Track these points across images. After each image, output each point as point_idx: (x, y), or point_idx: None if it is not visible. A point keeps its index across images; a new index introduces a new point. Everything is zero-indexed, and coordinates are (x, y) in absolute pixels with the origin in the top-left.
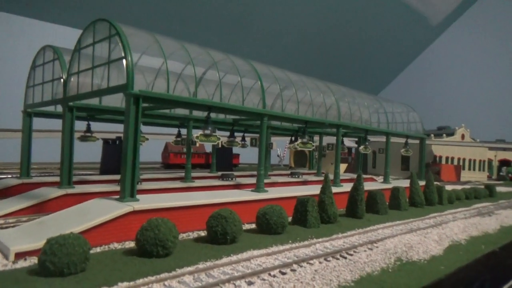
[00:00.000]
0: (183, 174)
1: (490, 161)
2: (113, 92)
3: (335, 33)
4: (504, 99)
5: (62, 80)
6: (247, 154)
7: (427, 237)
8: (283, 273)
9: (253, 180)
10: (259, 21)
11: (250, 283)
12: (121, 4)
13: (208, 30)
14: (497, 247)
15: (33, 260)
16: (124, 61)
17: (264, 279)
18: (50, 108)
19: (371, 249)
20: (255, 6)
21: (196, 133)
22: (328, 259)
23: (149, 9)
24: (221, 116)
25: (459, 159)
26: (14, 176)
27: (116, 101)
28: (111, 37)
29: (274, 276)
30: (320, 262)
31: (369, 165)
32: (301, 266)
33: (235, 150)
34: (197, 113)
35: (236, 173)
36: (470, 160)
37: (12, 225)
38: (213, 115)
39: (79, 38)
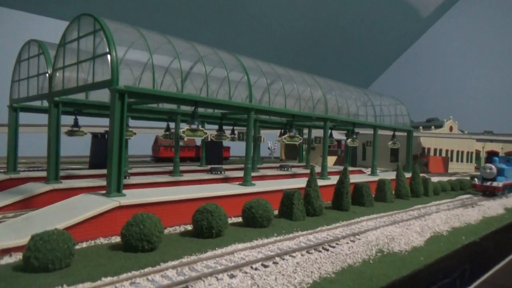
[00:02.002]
0: (172, 168)
1: (478, 152)
2: (98, 88)
3: (324, 26)
4: (492, 91)
5: (47, 75)
6: (238, 147)
7: (409, 229)
8: (265, 266)
9: (242, 174)
10: (247, 14)
11: (232, 276)
12: None
13: (196, 23)
14: (478, 238)
15: (18, 256)
16: (108, 56)
17: (246, 272)
18: (37, 103)
19: (353, 241)
20: None
21: (184, 127)
22: (311, 251)
23: (137, 2)
24: (210, 110)
25: (447, 151)
26: (1, 171)
27: (103, 96)
28: (95, 32)
29: (256, 269)
30: (302, 255)
31: (359, 157)
32: (283, 259)
33: (226, 143)
34: (185, 107)
35: (225, 167)
36: (458, 152)
37: None
38: (201, 109)
39: (64, 33)
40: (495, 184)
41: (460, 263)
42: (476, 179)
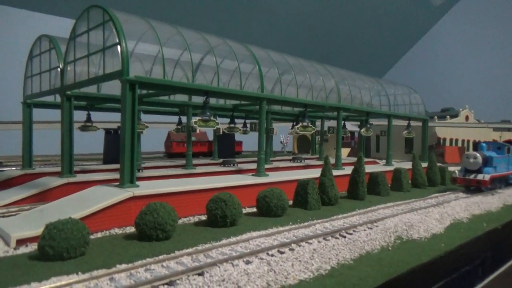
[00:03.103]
0: (184, 162)
1: (495, 142)
2: (109, 79)
3: (335, 16)
4: (509, 79)
5: (59, 69)
6: (250, 142)
7: (428, 216)
8: (282, 252)
9: (254, 166)
10: (256, 2)
11: (248, 262)
12: None
13: (204, 16)
14: (499, 225)
15: (34, 247)
16: (118, 47)
17: (262, 258)
18: (49, 98)
19: (371, 228)
20: None
21: (196, 118)
22: (328, 238)
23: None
24: (221, 102)
25: (463, 140)
26: (18, 168)
27: (116, 89)
28: (104, 23)
29: (272, 255)
30: (319, 242)
31: (373, 149)
32: (300, 246)
33: (238, 137)
34: (196, 100)
35: (238, 160)
36: (474, 142)
37: (14, 213)
38: (212, 100)
39: (74, 26)
40: (480, 177)
41: (481, 250)
42: (456, 171)
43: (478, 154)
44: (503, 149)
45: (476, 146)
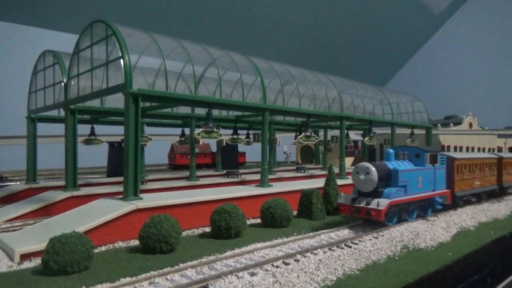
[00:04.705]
0: (188, 174)
1: (500, 149)
2: (112, 92)
3: (337, 26)
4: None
5: (63, 83)
6: (254, 153)
7: (435, 225)
8: (287, 264)
9: (258, 177)
10: (257, 14)
11: (253, 274)
12: (119, 7)
13: (206, 29)
14: (508, 232)
15: (38, 261)
16: (121, 60)
17: (267, 270)
18: (53, 113)
19: (376, 238)
20: None
21: (199, 130)
22: (333, 248)
23: (147, 11)
24: (224, 113)
25: (467, 148)
26: (22, 182)
27: (119, 103)
28: (108, 38)
29: (277, 266)
30: (324, 252)
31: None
32: (305, 256)
33: (241, 148)
34: (199, 111)
35: (241, 171)
36: (479, 149)
37: (18, 228)
38: (215, 112)
39: (78, 41)
40: (373, 205)
41: (490, 258)
42: (343, 194)
43: (372, 167)
44: (423, 157)
45: (372, 152)
